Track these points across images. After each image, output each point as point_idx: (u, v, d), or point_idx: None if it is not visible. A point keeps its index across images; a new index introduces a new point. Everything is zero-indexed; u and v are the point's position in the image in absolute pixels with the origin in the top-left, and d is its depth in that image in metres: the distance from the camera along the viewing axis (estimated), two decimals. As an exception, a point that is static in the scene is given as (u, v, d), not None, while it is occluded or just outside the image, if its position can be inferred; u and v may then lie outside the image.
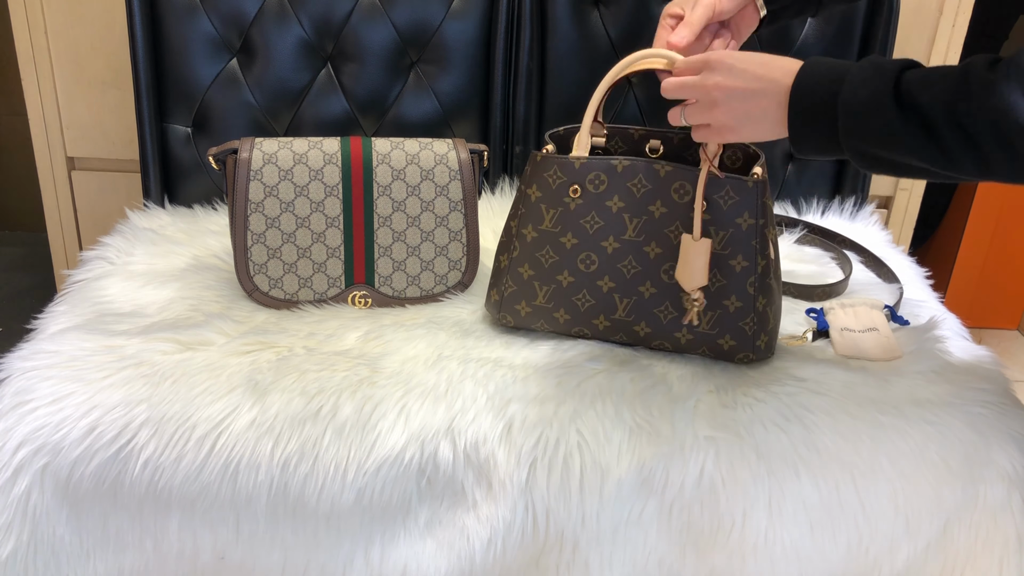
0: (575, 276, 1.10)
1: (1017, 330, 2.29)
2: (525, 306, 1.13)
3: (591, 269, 1.10)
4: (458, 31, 1.49)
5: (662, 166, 1.07)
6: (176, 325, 1.16)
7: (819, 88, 0.89)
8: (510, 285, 1.13)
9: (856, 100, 0.86)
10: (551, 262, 1.10)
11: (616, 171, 1.08)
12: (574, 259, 1.10)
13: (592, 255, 1.10)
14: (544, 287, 1.12)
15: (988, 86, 0.80)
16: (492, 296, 1.16)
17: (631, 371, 1.10)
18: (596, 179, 1.07)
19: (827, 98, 0.88)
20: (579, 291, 1.11)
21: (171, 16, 1.45)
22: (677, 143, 1.19)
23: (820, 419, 1.04)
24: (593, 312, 1.12)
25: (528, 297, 1.13)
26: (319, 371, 1.08)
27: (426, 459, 1.02)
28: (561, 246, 1.09)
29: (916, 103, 0.83)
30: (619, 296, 1.11)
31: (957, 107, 0.81)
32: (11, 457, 1.01)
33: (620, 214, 1.08)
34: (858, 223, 1.57)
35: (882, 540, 1.03)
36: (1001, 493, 1.03)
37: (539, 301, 1.12)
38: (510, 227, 1.13)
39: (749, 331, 1.10)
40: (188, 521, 1.03)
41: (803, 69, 0.91)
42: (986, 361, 1.16)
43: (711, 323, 1.10)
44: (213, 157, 1.20)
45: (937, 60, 1.63)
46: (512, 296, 1.13)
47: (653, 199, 1.07)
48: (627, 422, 1.03)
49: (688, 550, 1.04)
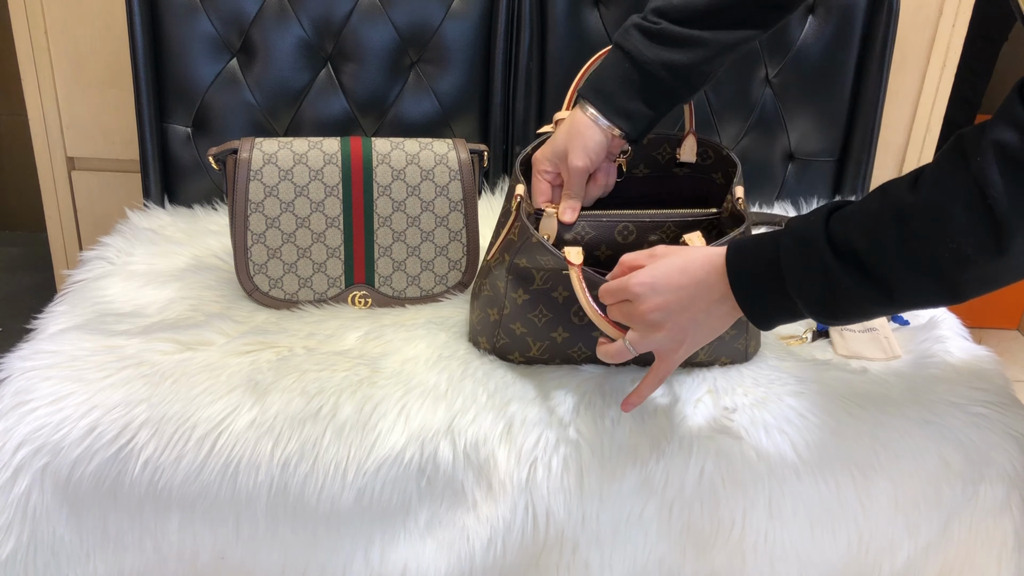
0: (570, 331, 1.08)
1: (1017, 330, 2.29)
2: (519, 356, 1.11)
3: (585, 321, 1.06)
4: (458, 31, 1.49)
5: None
6: (176, 325, 1.16)
7: (761, 278, 0.85)
8: (502, 338, 1.10)
9: (805, 283, 0.82)
10: (545, 320, 1.08)
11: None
12: (567, 313, 1.07)
13: None
14: (538, 343, 1.09)
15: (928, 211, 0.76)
16: (482, 343, 1.13)
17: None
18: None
19: (773, 284, 0.85)
20: (575, 344, 1.09)
21: (171, 16, 1.45)
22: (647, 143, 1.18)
23: (820, 419, 1.04)
24: (590, 360, 1.11)
25: (522, 350, 1.10)
26: (319, 371, 1.08)
27: (426, 459, 1.02)
28: (553, 301, 1.07)
29: (861, 261, 0.79)
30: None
31: (904, 250, 0.77)
32: (11, 457, 1.01)
33: (608, 261, 1.07)
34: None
35: (882, 539, 1.03)
36: (1001, 493, 1.03)
37: (534, 353, 1.10)
38: (497, 286, 1.08)
39: (742, 348, 1.11)
40: (188, 521, 1.03)
41: (730, 264, 0.87)
42: (986, 361, 1.16)
43: (709, 352, 1.09)
44: (213, 157, 1.20)
45: (937, 60, 1.63)
46: (505, 347, 1.11)
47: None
48: (627, 422, 1.03)
49: (688, 550, 1.04)
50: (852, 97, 1.55)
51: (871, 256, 0.79)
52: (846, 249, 0.80)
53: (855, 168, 1.58)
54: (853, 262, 0.80)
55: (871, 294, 0.80)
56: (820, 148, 1.58)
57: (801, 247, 0.83)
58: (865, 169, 1.58)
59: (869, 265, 0.79)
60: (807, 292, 0.83)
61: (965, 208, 0.75)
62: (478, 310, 1.13)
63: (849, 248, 0.80)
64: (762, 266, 0.85)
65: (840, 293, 0.81)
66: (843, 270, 0.80)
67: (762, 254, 0.86)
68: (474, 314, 1.14)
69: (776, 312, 0.87)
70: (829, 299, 0.82)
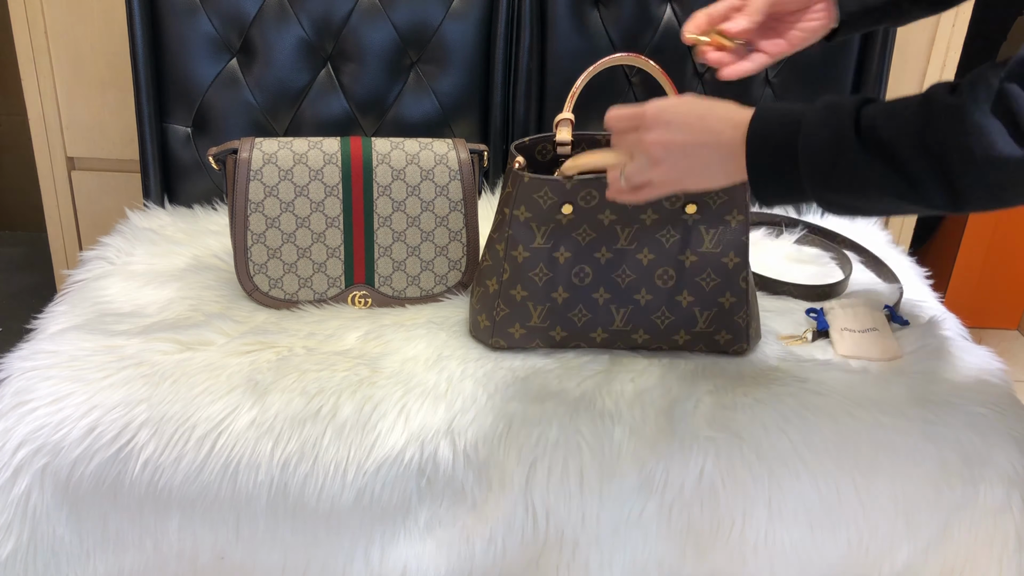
0: (570, 291, 1.10)
1: (1017, 330, 2.29)
2: (519, 328, 1.12)
3: (585, 282, 1.09)
4: (458, 31, 1.49)
5: None
6: (176, 325, 1.16)
7: (776, 135, 0.85)
8: (502, 308, 1.11)
9: (816, 142, 0.82)
10: (545, 279, 1.09)
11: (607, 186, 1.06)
12: (568, 273, 1.09)
13: (586, 267, 1.09)
14: (539, 306, 1.10)
15: (954, 111, 0.76)
16: (481, 322, 1.13)
17: (631, 371, 1.10)
18: (588, 196, 1.07)
19: (785, 145, 0.84)
20: (575, 306, 1.10)
21: (171, 16, 1.45)
22: None
23: (820, 419, 1.04)
24: (590, 326, 1.12)
25: (522, 319, 1.11)
26: (319, 371, 1.08)
27: (426, 459, 1.02)
28: (554, 261, 1.08)
29: (879, 137, 0.80)
30: (615, 307, 1.11)
31: (923, 137, 0.78)
32: (11, 457, 1.01)
33: (612, 226, 1.08)
34: (858, 223, 1.57)
35: (882, 540, 1.03)
36: (1001, 493, 1.03)
37: (534, 321, 1.11)
38: (495, 250, 1.11)
39: (742, 323, 1.11)
40: (188, 521, 1.03)
41: (756, 117, 0.86)
42: (986, 361, 1.16)
43: (708, 321, 1.10)
44: (213, 157, 1.20)
45: (937, 60, 1.63)
46: (505, 320, 1.12)
47: (644, 208, 1.07)
48: (627, 422, 1.03)
49: (688, 550, 1.04)
50: (854, 93, 1.55)
51: (887, 136, 0.79)
52: (867, 124, 0.80)
53: (855, 168, 1.58)
54: (869, 137, 0.80)
55: (872, 174, 0.80)
56: (820, 148, 1.58)
57: (826, 111, 0.83)
58: (865, 169, 1.58)
59: (883, 143, 0.79)
60: (814, 149, 0.82)
61: (983, 114, 0.75)
62: (478, 288, 1.14)
63: (870, 124, 0.80)
64: (783, 128, 0.84)
65: (844, 163, 0.81)
66: (857, 142, 0.80)
67: (788, 117, 0.85)
68: (474, 296, 1.16)
69: (776, 176, 0.85)
70: (831, 163, 0.82)
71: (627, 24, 1.50)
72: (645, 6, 1.49)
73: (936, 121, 0.77)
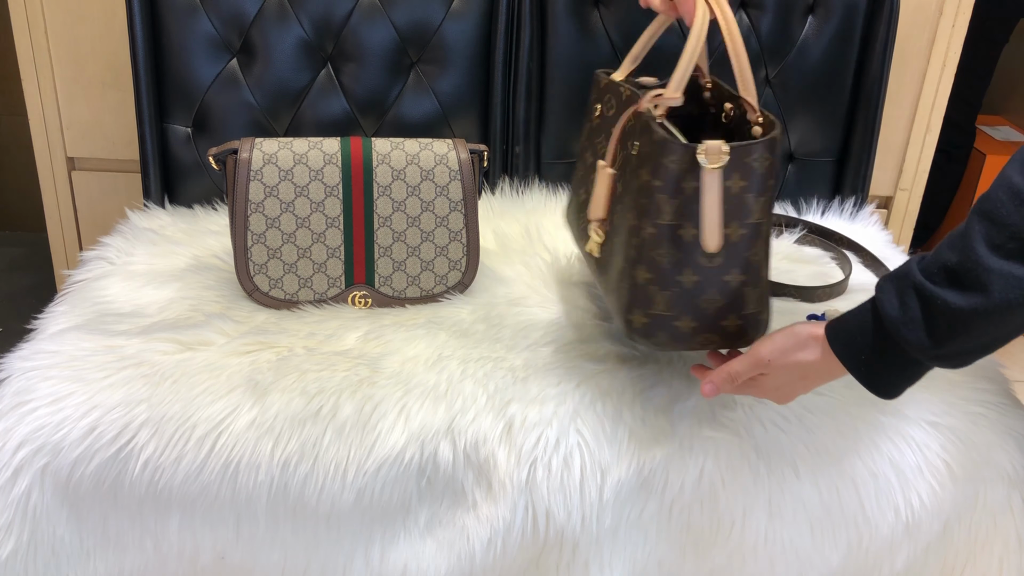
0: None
1: (1017, 330, 2.28)
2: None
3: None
4: (458, 31, 1.49)
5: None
6: (176, 325, 1.16)
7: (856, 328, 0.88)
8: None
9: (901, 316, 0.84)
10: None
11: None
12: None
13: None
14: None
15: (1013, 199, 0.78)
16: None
17: (631, 371, 1.10)
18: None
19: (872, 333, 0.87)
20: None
21: (171, 16, 1.45)
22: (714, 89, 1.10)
23: (820, 419, 1.04)
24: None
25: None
26: (319, 371, 1.08)
27: (426, 459, 1.02)
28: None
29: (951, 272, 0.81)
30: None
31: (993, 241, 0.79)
32: (11, 457, 1.01)
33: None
34: (858, 223, 1.57)
35: (882, 540, 1.03)
36: (1001, 493, 1.03)
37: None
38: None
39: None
40: (188, 521, 1.03)
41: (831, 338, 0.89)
42: (986, 361, 1.16)
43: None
44: (213, 157, 1.20)
45: (937, 60, 1.63)
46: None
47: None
48: (627, 422, 1.03)
49: (688, 550, 1.04)
50: (852, 97, 1.55)
51: (960, 261, 0.80)
52: (936, 267, 0.82)
53: (855, 168, 1.58)
54: (944, 276, 0.81)
55: (969, 302, 0.80)
56: (820, 148, 1.58)
57: (894, 282, 0.85)
58: (865, 169, 1.58)
59: (960, 272, 0.80)
60: (908, 324, 0.83)
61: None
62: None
63: (939, 264, 0.82)
64: (864, 325, 0.87)
65: (938, 311, 0.81)
66: (936, 288, 0.81)
67: (861, 315, 0.88)
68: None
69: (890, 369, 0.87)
70: (929, 321, 0.82)
71: (627, 24, 1.50)
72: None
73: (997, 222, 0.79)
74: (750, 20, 1.51)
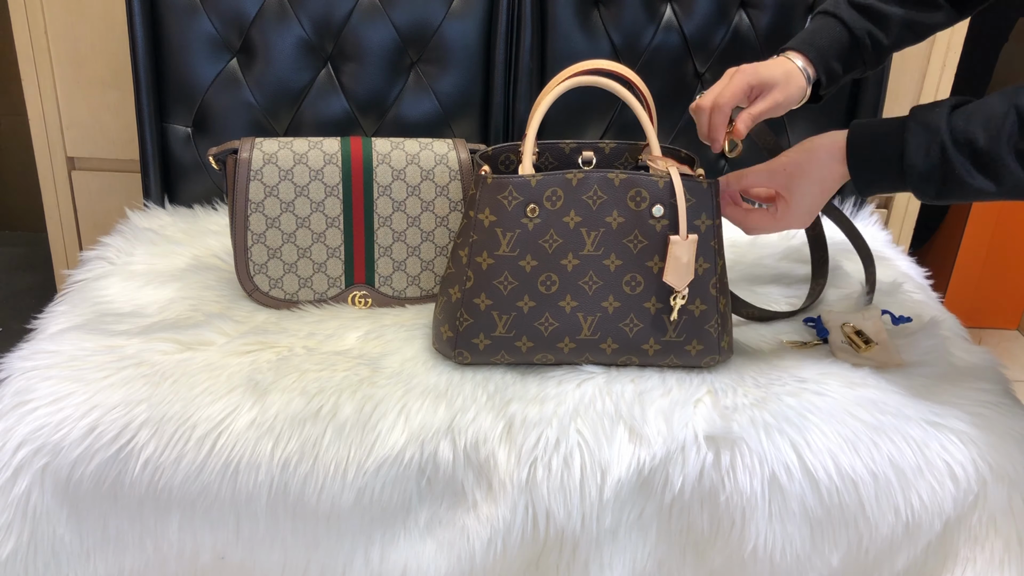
0: (536, 300, 1.06)
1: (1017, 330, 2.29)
2: (483, 338, 1.08)
3: (552, 290, 1.06)
4: (458, 31, 1.49)
5: (616, 175, 1.04)
6: (176, 325, 1.16)
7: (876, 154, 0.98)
8: (465, 318, 1.07)
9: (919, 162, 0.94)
10: (510, 288, 1.06)
11: (571, 185, 1.04)
12: (534, 282, 1.06)
13: (552, 275, 1.06)
14: (504, 316, 1.07)
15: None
16: (444, 333, 1.10)
17: (631, 371, 1.10)
18: (553, 195, 1.04)
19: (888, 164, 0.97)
20: (541, 315, 1.07)
21: (171, 16, 1.45)
22: (609, 152, 1.19)
23: (820, 419, 1.04)
24: (557, 335, 1.08)
25: (487, 329, 1.08)
26: (319, 371, 1.08)
27: (426, 459, 1.02)
28: (520, 270, 1.05)
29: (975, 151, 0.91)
30: (583, 315, 1.07)
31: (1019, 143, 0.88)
32: (11, 457, 1.01)
33: (577, 229, 1.05)
34: (858, 223, 1.56)
35: (882, 540, 1.03)
36: (1002, 494, 1.03)
37: (499, 331, 1.08)
38: (459, 256, 1.08)
39: (714, 333, 1.09)
40: (188, 521, 1.03)
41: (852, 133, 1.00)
42: (986, 361, 1.16)
43: (678, 329, 1.08)
44: (213, 157, 1.21)
45: (937, 60, 1.63)
46: (468, 330, 1.08)
47: (610, 210, 1.05)
48: (627, 422, 1.03)
49: (688, 551, 1.04)
50: (852, 97, 1.55)
51: (986, 147, 0.90)
52: (964, 139, 0.92)
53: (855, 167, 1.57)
54: (968, 152, 0.91)
55: (979, 183, 0.92)
56: (820, 148, 1.58)
57: (924, 134, 0.94)
58: (865, 169, 1.58)
59: (982, 155, 0.91)
60: (922, 171, 0.94)
61: None
62: (441, 298, 1.12)
63: (967, 138, 0.91)
64: (885, 138, 0.98)
65: (952, 178, 0.93)
66: (959, 159, 0.92)
67: (888, 128, 0.98)
68: (437, 307, 1.13)
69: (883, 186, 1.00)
70: (940, 181, 0.94)
71: (627, 24, 1.50)
72: (645, 6, 1.49)
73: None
74: (750, 20, 1.51)
